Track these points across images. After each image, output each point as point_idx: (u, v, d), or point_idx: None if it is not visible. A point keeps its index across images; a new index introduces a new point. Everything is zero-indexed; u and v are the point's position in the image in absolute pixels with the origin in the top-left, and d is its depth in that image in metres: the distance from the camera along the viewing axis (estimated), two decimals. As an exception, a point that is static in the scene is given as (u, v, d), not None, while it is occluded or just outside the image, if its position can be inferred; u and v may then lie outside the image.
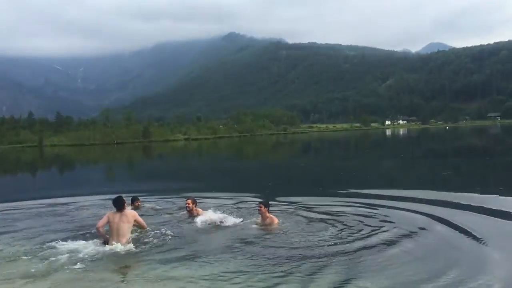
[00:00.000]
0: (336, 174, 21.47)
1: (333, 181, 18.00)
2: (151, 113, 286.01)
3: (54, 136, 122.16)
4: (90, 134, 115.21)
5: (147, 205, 12.64)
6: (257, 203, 10.23)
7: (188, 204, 10.35)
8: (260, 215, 9.65)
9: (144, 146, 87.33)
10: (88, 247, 8.02)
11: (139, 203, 12.33)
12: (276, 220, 9.53)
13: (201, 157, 46.86)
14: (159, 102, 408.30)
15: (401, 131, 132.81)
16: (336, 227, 9.43)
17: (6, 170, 38.26)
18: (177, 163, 38.48)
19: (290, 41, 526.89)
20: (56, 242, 8.37)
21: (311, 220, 10.21)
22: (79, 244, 8.23)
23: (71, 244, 8.21)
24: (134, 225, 8.51)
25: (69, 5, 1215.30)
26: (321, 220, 10.17)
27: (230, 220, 9.82)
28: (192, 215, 10.21)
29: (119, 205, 8.32)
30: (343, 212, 11.01)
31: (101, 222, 8.31)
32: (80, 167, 41.06)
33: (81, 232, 9.45)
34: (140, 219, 8.66)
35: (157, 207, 12.55)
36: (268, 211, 9.63)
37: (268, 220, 9.51)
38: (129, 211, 8.63)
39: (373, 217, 10.35)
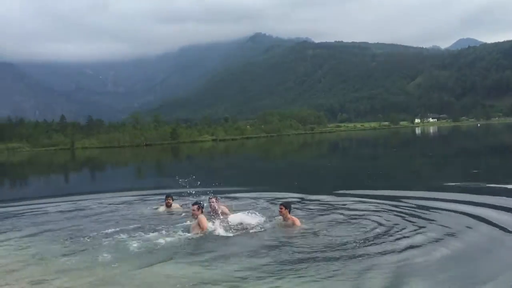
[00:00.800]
0: (363, 173, 21.07)
1: (359, 180, 17.63)
2: (178, 115, 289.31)
3: (86, 139, 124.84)
4: (120, 136, 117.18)
5: (176, 204, 12.58)
6: (279, 204, 9.98)
7: (212, 201, 10.22)
8: (281, 217, 9.46)
9: (173, 147, 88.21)
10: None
11: (169, 200, 12.25)
12: (298, 222, 9.31)
13: (228, 158, 46.94)
14: (186, 104, 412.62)
15: (431, 129, 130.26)
16: (370, 227, 9.11)
17: (53, 171, 39.15)
18: (205, 163, 38.62)
19: (317, 40, 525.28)
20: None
21: (342, 220, 9.93)
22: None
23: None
24: None
25: (96, 11, 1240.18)
26: (353, 219, 9.90)
27: (255, 221, 9.57)
28: (216, 213, 9.93)
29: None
30: (374, 211, 10.68)
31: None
32: (116, 168, 41.66)
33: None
34: None
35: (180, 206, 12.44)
36: (289, 212, 9.40)
37: (289, 222, 9.29)
38: None
39: (409, 216, 9.93)
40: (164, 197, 12.52)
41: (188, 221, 9.80)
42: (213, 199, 10.26)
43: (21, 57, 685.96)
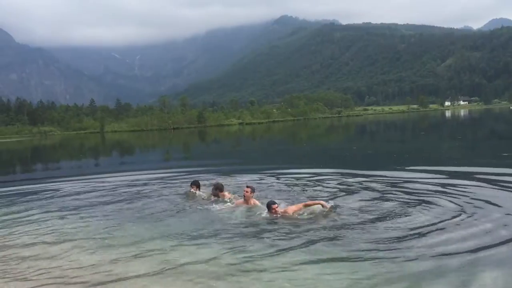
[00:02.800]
0: (389, 157, 20.94)
1: (383, 163, 17.52)
2: (205, 98, 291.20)
3: (115, 123, 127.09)
4: (148, 120, 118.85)
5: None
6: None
7: (247, 192, 9.58)
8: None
9: (199, 130, 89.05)
10: None
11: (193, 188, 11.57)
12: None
13: (254, 141, 47.18)
14: (212, 87, 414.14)
15: (462, 112, 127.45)
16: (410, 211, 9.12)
17: (88, 154, 40.21)
18: (232, 147, 38.97)
19: (344, 22, 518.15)
20: None
21: (382, 199, 9.95)
22: None
23: None
24: None
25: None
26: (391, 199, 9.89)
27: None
28: (248, 204, 9.56)
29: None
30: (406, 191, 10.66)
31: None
32: (150, 151, 42.43)
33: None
34: None
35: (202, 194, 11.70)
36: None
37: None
38: None
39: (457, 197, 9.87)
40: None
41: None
42: (248, 189, 9.62)
43: (51, 42, 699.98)
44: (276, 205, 8.72)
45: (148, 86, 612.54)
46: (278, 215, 8.63)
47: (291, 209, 8.80)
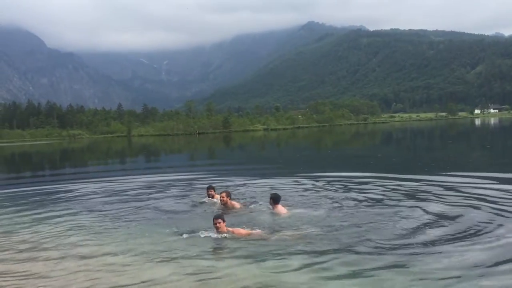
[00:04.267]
0: (414, 165, 20.61)
1: (406, 170, 17.21)
2: (230, 103, 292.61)
3: (141, 127, 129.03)
4: (174, 125, 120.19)
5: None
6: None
7: (223, 197, 10.05)
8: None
9: (225, 135, 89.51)
10: None
11: (210, 191, 11.34)
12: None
13: (279, 147, 47.16)
14: (238, 93, 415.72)
15: (492, 120, 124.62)
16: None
17: (117, 156, 40.96)
18: (257, 152, 39.06)
19: (371, 28, 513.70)
20: None
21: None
22: None
23: None
24: None
25: (152, 1, 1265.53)
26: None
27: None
28: (228, 208, 10.07)
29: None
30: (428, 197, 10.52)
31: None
32: (178, 154, 42.92)
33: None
34: None
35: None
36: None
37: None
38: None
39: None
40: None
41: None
42: (224, 194, 10.13)
43: (81, 47, 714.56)
44: (218, 220, 7.79)
45: (174, 91, 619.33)
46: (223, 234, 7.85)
47: (239, 231, 7.89)
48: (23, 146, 77.71)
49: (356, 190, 12.40)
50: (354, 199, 11.04)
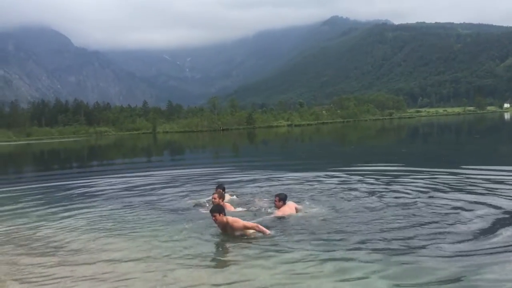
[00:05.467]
0: (437, 159, 20.15)
1: (430, 165, 16.79)
2: (254, 99, 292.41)
3: (166, 123, 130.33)
4: (198, 121, 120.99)
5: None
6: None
7: (215, 198, 9.23)
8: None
9: (248, 132, 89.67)
10: None
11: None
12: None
13: (303, 142, 46.98)
14: (261, 89, 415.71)
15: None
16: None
17: (145, 153, 41.53)
18: (281, 147, 38.98)
19: (397, 22, 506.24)
20: None
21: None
22: None
23: None
24: None
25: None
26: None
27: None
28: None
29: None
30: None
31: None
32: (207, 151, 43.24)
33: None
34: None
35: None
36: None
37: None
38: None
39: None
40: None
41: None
42: (215, 195, 9.37)
43: (107, 45, 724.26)
44: (213, 214, 7.54)
45: (198, 88, 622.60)
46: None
47: (237, 223, 7.55)
48: (52, 143, 79.41)
49: (380, 184, 12.22)
50: (376, 194, 10.85)
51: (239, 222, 7.49)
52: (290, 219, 8.54)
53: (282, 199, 8.96)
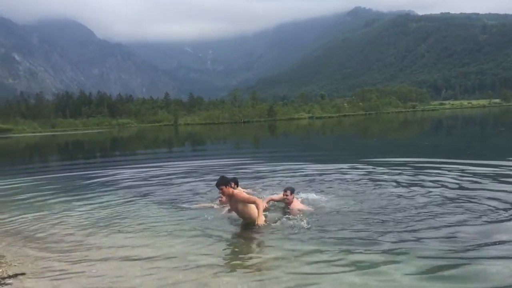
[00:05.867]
0: (463, 153, 19.86)
1: (452, 156, 16.56)
2: (275, 92, 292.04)
3: (187, 115, 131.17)
4: (219, 113, 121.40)
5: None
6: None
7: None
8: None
9: (269, 124, 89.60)
10: None
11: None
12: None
13: (324, 135, 46.76)
14: (282, 81, 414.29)
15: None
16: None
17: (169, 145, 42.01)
18: (301, 140, 38.89)
19: (420, 12, 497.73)
20: None
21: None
22: None
23: None
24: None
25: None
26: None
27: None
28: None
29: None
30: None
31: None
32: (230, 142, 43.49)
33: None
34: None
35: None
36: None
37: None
38: None
39: None
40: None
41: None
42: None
43: (129, 38, 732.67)
44: (220, 187, 7.36)
45: (219, 80, 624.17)
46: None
47: (241, 195, 7.41)
48: (76, 134, 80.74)
49: (405, 177, 12.07)
50: (400, 186, 10.78)
51: (243, 194, 7.43)
52: (313, 213, 8.38)
53: (293, 192, 8.69)
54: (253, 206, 7.30)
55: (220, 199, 9.21)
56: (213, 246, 6.61)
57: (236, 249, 6.63)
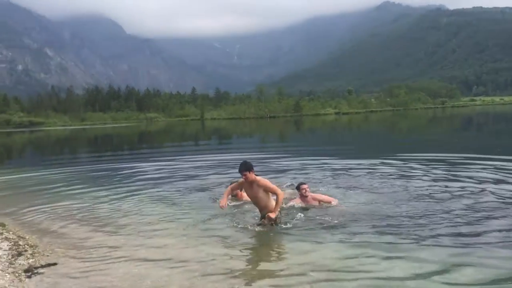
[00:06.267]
0: (490, 149, 19.32)
1: (482, 153, 16.13)
2: (301, 87, 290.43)
3: (214, 110, 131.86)
4: (245, 108, 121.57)
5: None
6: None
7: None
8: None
9: (295, 119, 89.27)
10: None
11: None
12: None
13: (351, 131, 46.36)
14: (309, 76, 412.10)
15: None
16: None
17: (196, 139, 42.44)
18: (328, 136, 38.67)
19: (452, 7, 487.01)
20: None
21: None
22: None
23: None
24: None
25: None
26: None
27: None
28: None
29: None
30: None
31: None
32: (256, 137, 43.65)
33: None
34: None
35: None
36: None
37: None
38: None
39: None
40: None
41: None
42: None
43: (158, 33, 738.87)
44: (244, 173, 7.06)
45: (246, 75, 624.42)
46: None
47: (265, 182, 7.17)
48: (105, 128, 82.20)
49: (434, 173, 11.90)
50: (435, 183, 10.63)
51: (267, 181, 7.20)
52: (339, 208, 8.30)
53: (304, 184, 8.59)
54: (272, 196, 7.19)
55: (237, 193, 9.12)
56: (241, 248, 6.41)
57: (263, 251, 6.50)
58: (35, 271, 5.33)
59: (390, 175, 11.95)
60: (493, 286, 4.73)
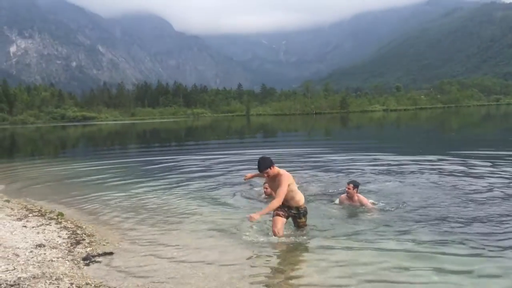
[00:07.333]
0: None
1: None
2: (348, 83, 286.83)
3: (259, 106, 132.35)
4: (291, 104, 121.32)
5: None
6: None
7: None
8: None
9: (341, 116, 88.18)
10: None
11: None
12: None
13: (399, 128, 45.29)
14: (356, 72, 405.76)
15: None
16: None
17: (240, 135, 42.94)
18: (375, 133, 37.96)
19: (507, 0, 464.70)
20: None
21: None
22: None
23: None
24: None
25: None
26: None
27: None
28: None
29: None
30: None
31: None
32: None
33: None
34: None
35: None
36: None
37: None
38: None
39: None
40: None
41: None
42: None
43: (205, 30, 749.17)
44: (266, 171, 6.49)
45: (292, 71, 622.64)
46: None
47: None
48: (154, 123, 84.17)
49: (487, 171, 11.42)
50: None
51: (285, 177, 6.39)
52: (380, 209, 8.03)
53: (356, 186, 8.26)
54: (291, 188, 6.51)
55: (265, 190, 8.99)
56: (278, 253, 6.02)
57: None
58: (93, 259, 5.54)
59: (451, 172, 11.51)
60: None
